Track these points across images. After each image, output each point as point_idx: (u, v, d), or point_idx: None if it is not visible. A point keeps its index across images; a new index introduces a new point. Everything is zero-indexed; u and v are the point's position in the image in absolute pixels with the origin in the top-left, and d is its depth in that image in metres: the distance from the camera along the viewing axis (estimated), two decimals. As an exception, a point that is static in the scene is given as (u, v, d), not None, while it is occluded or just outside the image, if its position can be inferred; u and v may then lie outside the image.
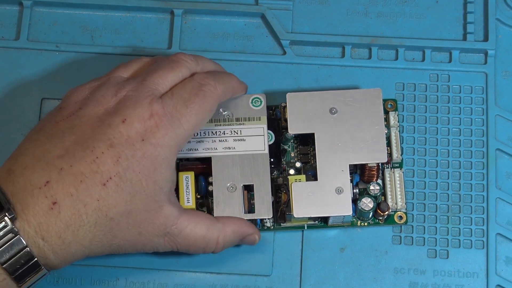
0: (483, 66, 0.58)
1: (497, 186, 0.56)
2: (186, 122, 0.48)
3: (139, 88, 0.48)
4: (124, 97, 0.47)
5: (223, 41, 0.59)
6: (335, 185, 0.52)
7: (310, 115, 0.53)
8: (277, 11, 0.59)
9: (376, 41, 0.58)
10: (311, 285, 0.54)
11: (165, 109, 0.47)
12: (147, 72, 0.49)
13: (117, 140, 0.46)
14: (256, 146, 0.53)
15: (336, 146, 0.52)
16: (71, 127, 0.46)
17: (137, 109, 0.47)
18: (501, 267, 0.54)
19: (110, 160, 0.45)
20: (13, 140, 0.57)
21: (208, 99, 0.49)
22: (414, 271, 0.54)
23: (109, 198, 0.45)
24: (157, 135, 0.46)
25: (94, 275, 0.54)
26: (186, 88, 0.49)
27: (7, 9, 0.60)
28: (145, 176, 0.46)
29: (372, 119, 0.53)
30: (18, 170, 0.45)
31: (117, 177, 0.45)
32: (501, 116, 0.57)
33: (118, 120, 0.46)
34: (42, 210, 0.44)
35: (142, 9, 0.59)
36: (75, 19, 0.59)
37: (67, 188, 0.44)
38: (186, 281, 0.54)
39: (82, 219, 0.45)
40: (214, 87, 0.50)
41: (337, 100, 0.53)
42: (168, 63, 0.50)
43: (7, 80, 0.58)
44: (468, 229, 0.55)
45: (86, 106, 0.47)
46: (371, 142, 0.52)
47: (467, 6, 0.59)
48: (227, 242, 0.51)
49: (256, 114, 0.54)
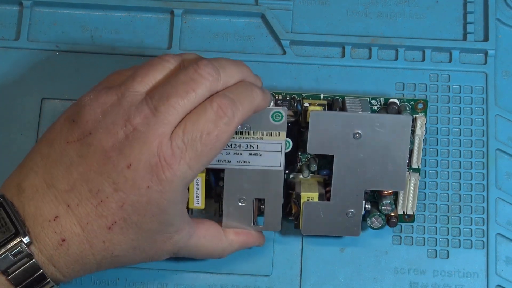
0: (483, 66, 0.58)
1: (497, 186, 0.56)
2: (195, 164, 0.45)
3: (151, 122, 0.44)
4: (132, 133, 0.44)
5: (223, 41, 0.59)
6: (347, 209, 0.51)
7: (331, 137, 0.50)
8: (277, 11, 0.59)
9: (376, 41, 0.58)
10: (311, 285, 0.54)
11: (174, 153, 0.44)
12: (161, 97, 0.45)
13: (122, 186, 0.44)
14: (272, 162, 0.51)
15: (355, 171, 0.51)
16: (79, 155, 0.45)
17: (144, 153, 0.44)
18: (501, 267, 0.54)
19: (114, 205, 0.44)
20: (13, 140, 0.57)
21: (222, 137, 0.45)
22: (414, 271, 0.54)
23: (114, 240, 0.45)
24: (163, 182, 0.44)
25: (94, 275, 0.54)
26: (198, 124, 0.45)
27: (7, 9, 0.60)
28: (151, 218, 0.45)
29: (396, 147, 0.50)
30: (29, 192, 0.45)
31: (122, 221, 0.45)
32: (501, 116, 0.57)
33: (123, 164, 0.44)
34: (52, 244, 0.44)
35: (142, 9, 0.59)
36: (75, 19, 0.59)
37: (75, 228, 0.45)
38: (186, 281, 0.54)
39: (89, 258, 0.45)
40: (230, 119, 0.45)
41: (362, 124, 0.50)
42: (184, 85, 0.45)
43: (7, 80, 0.58)
44: (468, 229, 0.55)
45: (95, 132, 0.45)
46: (392, 171, 0.51)
47: (467, 6, 0.59)
48: (230, 252, 0.52)
49: (275, 129, 0.50)
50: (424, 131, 0.53)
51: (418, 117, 0.53)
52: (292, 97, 0.54)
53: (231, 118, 0.45)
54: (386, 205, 0.52)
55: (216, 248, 0.51)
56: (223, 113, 0.45)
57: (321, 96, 0.54)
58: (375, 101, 0.54)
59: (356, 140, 0.50)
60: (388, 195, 0.52)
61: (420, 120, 0.53)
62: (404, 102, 0.53)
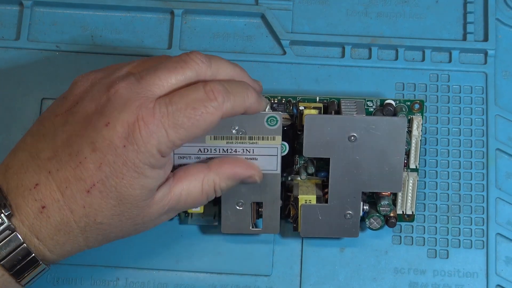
0: (483, 66, 0.58)
1: (497, 186, 0.56)
2: (174, 134, 0.44)
3: (132, 87, 0.45)
4: (114, 96, 0.45)
5: (223, 41, 0.59)
6: (345, 211, 0.51)
7: (327, 140, 0.50)
8: (277, 11, 0.59)
9: (376, 41, 0.58)
10: (311, 285, 0.54)
11: (154, 115, 0.44)
12: (148, 70, 0.46)
13: (99, 145, 0.44)
14: (268, 166, 0.50)
15: (351, 173, 0.50)
16: (64, 124, 0.46)
17: (122, 112, 0.44)
18: (501, 267, 0.54)
19: (92, 166, 0.44)
20: (13, 140, 0.57)
21: (207, 118, 0.45)
22: (414, 271, 0.54)
23: (94, 205, 0.45)
24: (139, 141, 0.44)
25: (94, 275, 0.54)
26: (186, 98, 0.45)
27: (7, 9, 0.60)
28: (129, 181, 0.45)
29: (392, 149, 0.50)
30: (15, 167, 0.45)
31: (100, 184, 0.44)
32: (501, 116, 0.57)
33: (102, 122, 0.44)
34: (33, 212, 0.44)
35: (142, 9, 0.59)
36: (75, 19, 0.59)
37: (54, 194, 0.44)
38: (186, 281, 0.54)
39: (71, 224, 0.45)
40: (219, 104, 0.45)
41: (357, 127, 0.50)
42: (173, 62, 0.46)
43: (7, 80, 0.58)
44: (468, 229, 0.55)
45: (82, 101, 0.46)
46: (388, 172, 0.50)
47: (467, 6, 0.59)
48: (226, 187, 0.49)
49: (270, 134, 0.49)
50: (421, 131, 0.53)
51: (415, 118, 0.53)
52: (287, 100, 0.53)
53: (220, 104, 0.45)
54: (385, 206, 0.52)
55: (206, 189, 0.48)
56: (213, 97, 0.45)
57: (316, 98, 0.53)
58: (371, 102, 0.54)
59: (352, 143, 0.50)
60: (386, 195, 0.52)
61: (416, 120, 0.53)
62: (400, 103, 0.53)
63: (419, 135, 0.53)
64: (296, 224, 0.52)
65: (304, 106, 0.52)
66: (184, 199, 0.48)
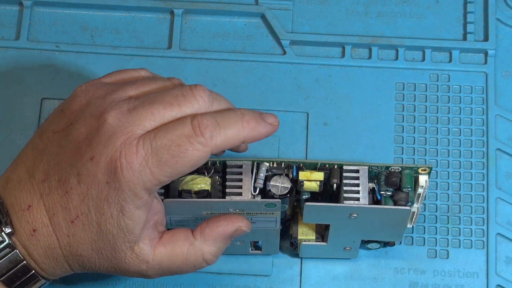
0: (483, 66, 0.58)
1: (497, 186, 0.56)
2: (158, 172, 0.43)
3: (122, 119, 0.43)
4: (102, 126, 0.43)
5: (223, 41, 0.59)
6: (344, 246, 0.52)
7: (327, 218, 0.49)
8: (277, 11, 0.59)
9: (376, 41, 0.58)
10: (311, 285, 0.54)
11: (137, 153, 0.42)
12: (144, 101, 0.44)
13: (84, 178, 0.43)
14: (267, 225, 0.49)
15: (351, 230, 0.50)
16: (58, 145, 0.45)
17: (107, 147, 0.43)
18: (501, 267, 0.54)
19: (77, 198, 0.44)
20: (13, 140, 0.57)
21: (193, 155, 0.43)
22: (414, 271, 0.54)
23: (77, 236, 0.44)
24: (121, 180, 0.42)
25: (94, 275, 0.54)
26: (171, 134, 0.43)
27: (7, 9, 0.60)
28: (110, 219, 0.44)
29: (394, 225, 0.49)
30: (13, 183, 0.45)
31: (83, 216, 0.44)
32: (501, 116, 0.57)
33: (88, 155, 0.43)
34: (26, 234, 0.44)
35: (142, 9, 0.59)
36: (75, 19, 0.59)
37: (43, 218, 0.44)
38: (186, 281, 0.54)
39: (56, 251, 0.45)
40: (206, 140, 0.43)
41: (359, 211, 0.48)
42: (172, 97, 0.44)
43: (7, 80, 0.58)
44: (468, 229, 0.55)
45: (76, 122, 0.45)
46: (389, 234, 0.51)
47: (467, 6, 0.59)
48: (216, 252, 0.47)
49: (269, 211, 0.48)
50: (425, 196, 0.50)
51: (421, 177, 0.49)
52: (287, 164, 0.49)
53: (207, 140, 0.43)
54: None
55: (190, 258, 0.46)
56: (200, 133, 0.43)
57: (318, 164, 0.49)
58: (376, 167, 0.49)
59: (353, 219, 0.48)
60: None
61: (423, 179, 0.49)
62: (406, 169, 0.49)
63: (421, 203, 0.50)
64: (295, 248, 0.53)
65: (304, 179, 0.49)
66: (167, 266, 0.46)
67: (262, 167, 0.48)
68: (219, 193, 0.48)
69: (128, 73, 0.48)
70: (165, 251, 0.46)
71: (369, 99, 0.57)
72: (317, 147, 0.56)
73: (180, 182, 0.48)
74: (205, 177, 0.48)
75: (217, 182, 0.48)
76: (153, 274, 0.46)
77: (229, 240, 0.47)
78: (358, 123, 0.57)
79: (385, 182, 0.49)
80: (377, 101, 0.57)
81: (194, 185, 0.47)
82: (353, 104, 0.57)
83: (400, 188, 0.49)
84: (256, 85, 0.58)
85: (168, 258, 0.46)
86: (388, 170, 0.49)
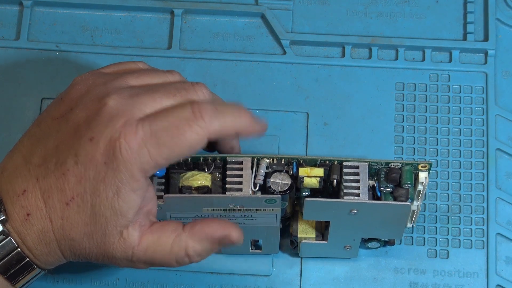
0: (483, 66, 0.58)
1: (497, 186, 0.56)
2: (156, 153, 0.43)
3: (123, 102, 0.44)
4: (103, 108, 0.44)
5: (223, 41, 0.59)
6: (345, 245, 0.52)
7: (327, 215, 0.49)
8: (277, 11, 0.59)
9: (376, 41, 0.58)
10: (311, 285, 0.54)
11: (136, 133, 0.43)
12: (146, 89, 0.45)
13: (82, 158, 0.43)
14: (267, 222, 0.50)
15: (351, 227, 0.50)
16: (57, 130, 0.45)
17: (107, 127, 0.43)
18: (501, 267, 0.54)
19: (73, 179, 0.43)
20: (13, 140, 0.56)
21: (191, 137, 0.43)
22: (414, 271, 0.54)
23: (70, 219, 0.44)
24: (119, 160, 0.43)
25: (94, 275, 0.54)
26: (171, 116, 0.43)
27: (7, 9, 0.60)
28: (104, 201, 0.44)
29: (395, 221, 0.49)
30: (9, 170, 0.45)
31: (79, 198, 0.44)
32: (501, 116, 0.57)
33: (87, 136, 0.43)
34: (19, 219, 0.44)
35: (142, 9, 0.59)
36: (75, 19, 0.60)
37: (38, 202, 0.44)
38: (186, 281, 0.54)
39: (49, 235, 0.44)
40: (206, 123, 0.43)
41: (359, 206, 0.48)
42: (175, 89, 0.45)
43: (7, 80, 0.58)
44: (468, 229, 0.55)
45: (76, 107, 0.45)
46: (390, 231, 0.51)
47: (467, 6, 0.59)
48: (200, 251, 0.46)
49: (269, 207, 0.48)
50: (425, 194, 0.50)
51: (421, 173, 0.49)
52: (287, 161, 0.49)
53: (206, 123, 0.43)
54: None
55: (175, 250, 0.46)
56: (200, 116, 0.43)
57: (318, 160, 0.49)
58: (375, 164, 0.49)
59: (353, 216, 0.48)
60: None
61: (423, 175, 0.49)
62: (406, 165, 0.49)
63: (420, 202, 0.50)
64: (295, 247, 0.53)
65: (304, 175, 0.49)
66: (151, 254, 0.46)
67: (262, 163, 0.48)
68: (219, 189, 0.48)
69: (127, 64, 0.49)
70: (152, 238, 0.45)
71: (369, 99, 0.57)
72: (317, 147, 0.56)
73: (180, 178, 0.48)
74: (205, 173, 0.48)
75: (217, 178, 0.48)
76: (137, 261, 0.46)
77: (216, 245, 0.46)
78: (358, 123, 0.57)
79: (385, 178, 0.49)
80: (377, 101, 0.57)
81: (195, 181, 0.48)
82: (353, 104, 0.57)
83: (400, 185, 0.49)
84: (256, 85, 0.58)
85: (153, 245, 0.45)
86: (388, 166, 0.49)
